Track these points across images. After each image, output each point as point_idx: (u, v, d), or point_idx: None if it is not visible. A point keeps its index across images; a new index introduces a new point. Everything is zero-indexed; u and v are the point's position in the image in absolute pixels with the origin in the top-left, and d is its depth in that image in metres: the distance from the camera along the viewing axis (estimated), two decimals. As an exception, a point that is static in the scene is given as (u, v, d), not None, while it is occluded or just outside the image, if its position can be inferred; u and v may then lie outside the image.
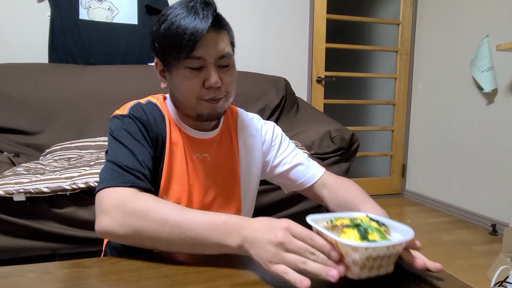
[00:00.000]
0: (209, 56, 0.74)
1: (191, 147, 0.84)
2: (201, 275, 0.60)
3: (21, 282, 0.58)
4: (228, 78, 0.77)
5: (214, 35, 0.74)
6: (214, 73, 0.74)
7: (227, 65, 0.77)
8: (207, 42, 0.73)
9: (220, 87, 0.76)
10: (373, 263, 0.51)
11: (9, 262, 1.21)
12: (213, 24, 0.72)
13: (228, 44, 0.77)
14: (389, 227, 0.60)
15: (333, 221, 0.61)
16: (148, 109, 0.81)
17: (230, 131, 0.91)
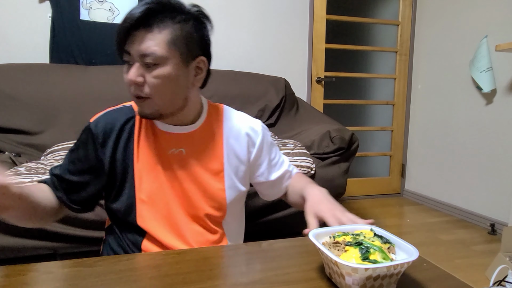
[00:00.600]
0: (134, 52, 0.75)
1: (165, 142, 0.86)
2: (201, 275, 0.60)
3: (22, 281, 0.58)
4: (151, 79, 0.76)
5: (143, 33, 0.75)
6: (133, 69, 0.76)
7: (152, 65, 0.75)
8: (134, 38, 0.75)
9: (143, 86, 0.77)
10: (374, 282, 0.52)
11: (10, 262, 1.22)
12: (145, 22, 0.74)
13: (158, 44, 0.75)
14: (394, 245, 0.60)
15: (335, 236, 0.61)
16: (113, 116, 0.87)
17: (213, 127, 0.91)
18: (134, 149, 0.85)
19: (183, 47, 0.78)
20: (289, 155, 1.74)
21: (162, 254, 0.72)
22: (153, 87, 0.76)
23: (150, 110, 0.80)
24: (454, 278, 0.62)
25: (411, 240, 2.20)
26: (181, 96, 0.82)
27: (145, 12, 0.74)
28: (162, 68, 0.76)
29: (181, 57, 0.78)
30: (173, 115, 0.83)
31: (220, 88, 2.38)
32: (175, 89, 0.80)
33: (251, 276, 0.60)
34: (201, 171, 0.87)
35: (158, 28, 0.75)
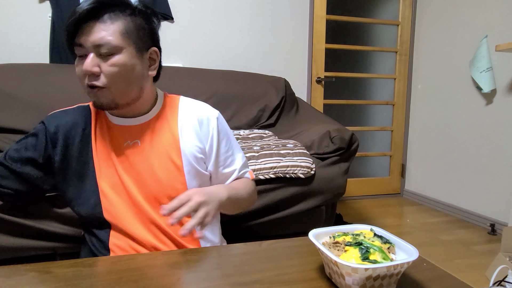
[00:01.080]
0: (86, 43, 0.77)
1: (120, 135, 0.88)
2: (200, 274, 0.60)
3: (22, 281, 0.58)
4: (107, 68, 0.78)
5: (94, 24, 0.77)
6: (89, 59, 0.77)
7: (107, 54, 0.78)
8: (86, 30, 0.77)
9: (100, 76, 0.78)
10: (374, 282, 0.52)
11: (10, 262, 1.22)
12: (96, 14, 0.77)
13: (112, 34, 0.77)
14: (394, 245, 0.60)
15: (335, 236, 0.61)
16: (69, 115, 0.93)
17: (168, 117, 0.92)
18: (92, 145, 0.88)
19: (136, 37, 0.81)
20: (289, 155, 1.74)
21: (162, 254, 0.72)
22: (109, 76, 0.78)
23: (106, 99, 0.81)
24: (454, 278, 0.62)
25: (411, 240, 2.20)
26: (137, 86, 0.84)
27: (96, 5, 0.76)
28: (118, 57, 0.78)
29: (135, 47, 0.81)
30: (129, 106, 0.85)
31: (220, 88, 2.38)
32: (131, 79, 0.82)
33: (251, 276, 0.60)
34: (158, 160, 0.88)
35: (110, 19, 0.78)
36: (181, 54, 2.60)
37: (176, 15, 2.53)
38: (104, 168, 0.87)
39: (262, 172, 1.62)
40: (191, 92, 2.29)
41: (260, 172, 1.62)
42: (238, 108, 2.38)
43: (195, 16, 2.59)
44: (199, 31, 2.62)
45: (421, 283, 0.59)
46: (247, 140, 2.12)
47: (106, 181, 0.86)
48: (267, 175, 1.63)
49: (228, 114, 2.37)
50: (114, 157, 0.87)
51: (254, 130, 2.32)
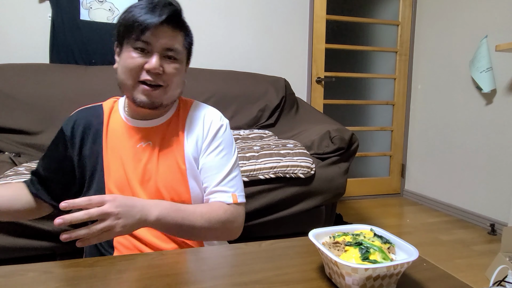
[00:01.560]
0: (156, 43, 0.82)
1: (135, 136, 0.90)
2: (201, 274, 0.60)
3: (22, 281, 0.58)
4: (170, 70, 0.84)
5: (168, 30, 0.83)
6: (156, 58, 0.82)
7: (173, 58, 0.85)
8: (158, 32, 0.82)
9: (161, 75, 0.83)
10: (374, 282, 0.52)
11: (10, 262, 1.22)
12: (169, 22, 0.83)
13: (180, 43, 0.86)
14: (394, 245, 0.60)
15: (335, 236, 0.61)
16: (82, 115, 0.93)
17: (179, 120, 0.94)
18: (103, 145, 0.89)
19: (188, 49, 0.90)
20: (289, 155, 1.74)
21: (162, 254, 0.72)
22: (170, 77, 0.84)
23: (158, 99, 0.85)
24: (454, 278, 0.62)
25: (411, 240, 2.20)
26: (179, 90, 0.91)
27: (175, 13, 0.83)
28: (179, 63, 0.86)
29: (186, 57, 0.91)
30: (165, 108, 0.91)
31: (220, 88, 2.38)
32: (180, 84, 0.90)
33: (251, 276, 0.60)
34: (164, 162, 0.89)
35: (180, 29, 0.86)
36: (181, 54, 2.59)
37: (176, 15, 2.53)
38: (113, 167, 0.88)
39: (262, 172, 1.62)
40: (191, 92, 2.29)
41: (260, 172, 1.62)
42: (238, 108, 2.38)
43: (195, 16, 2.59)
44: (199, 31, 2.62)
45: (421, 283, 0.59)
46: (247, 140, 2.12)
47: (113, 181, 0.87)
48: (267, 175, 1.63)
49: (228, 114, 2.37)
50: (124, 157, 0.88)
51: (254, 130, 2.32)
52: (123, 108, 0.94)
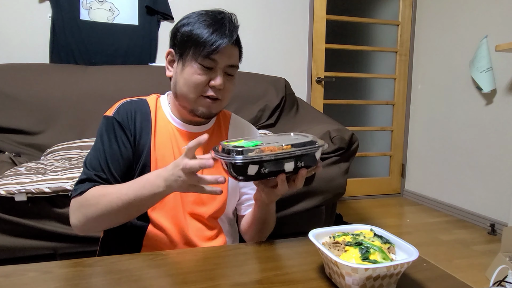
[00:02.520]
0: (222, 61, 0.86)
1: (180, 139, 0.91)
2: (201, 274, 0.60)
3: (22, 281, 0.58)
4: (229, 85, 0.90)
5: (231, 47, 0.87)
6: (221, 76, 0.86)
7: (232, 75, 0.89)
8: (224, 50, 0.85)
9: (221, 90, 0.87)
10: (374, 282, 0.52)
11: (10, 262, 1.22)
12: (236, 40, 0.88)
13: (237, 59, 0.91)
14: (394, 245, 0.60)
15: (335, 236, 0.61)
16: (134, 106, 0.91)
17: (221, 129, 0.99)
18: (151, 140, 0.89)
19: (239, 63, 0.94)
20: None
21: (162, 254, 0.72)
22: (228, 92, 0.90)
23: (216, 110, 0.91)
24: (454, 278, 0.62)
25: (411, 240, 2.20)
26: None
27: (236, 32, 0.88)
28: (235, 79, 0.92)
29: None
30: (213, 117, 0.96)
31: (220, 88, 2.37)
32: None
33: (251, 276, 0.60)
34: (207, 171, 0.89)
35: (238, 45, 0.91)
36: (181, 54, 2.60)
37: (176, 15, 2.53)
38: (162, 164, 0.87)
39: (262, 172, 1.62)
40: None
41: (260, 172, 1.62)
42: (238, 108, 2.38)
43: (195, 16, 2.59)
44: (199, 31, 2.62)
45: (421, 283, 0.59)
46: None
47: None
48: (267, 175, 1.63)
49: (228, 114, 2.37)
50: (172, 157, 0.89)
51: (254, 130, 2.32)
52: (168, 107, 0.95)
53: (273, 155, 0.65)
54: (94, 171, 0.83)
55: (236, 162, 0.64)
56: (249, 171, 0.65)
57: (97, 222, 0.80)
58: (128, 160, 0.87)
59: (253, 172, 0.65)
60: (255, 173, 0.65)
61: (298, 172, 0.73)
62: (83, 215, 0.80)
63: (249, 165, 0.64)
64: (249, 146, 0.67)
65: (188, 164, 0.68)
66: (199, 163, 0.68)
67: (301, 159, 0.69)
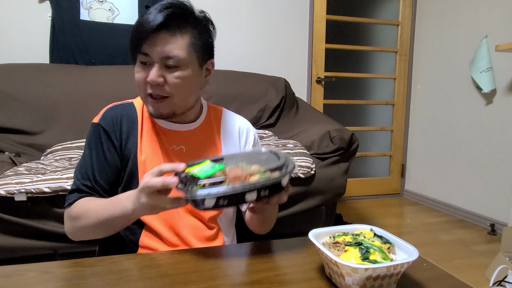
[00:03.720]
0: (154, 54, 0.78)
1: (166, 139, 0.89)
2: (201, 274, 0.60)
3: (22, 281, 0.58)
4: (172, 79, 0.80)
5: (165, 35, 0.78)
6: (155, 70, 0.79)
7: (174, 67, 0.80)
8: (155, 41, 0.78)
9: (164, 86, 0.80)
10: (374, 282, 0.52)
11: (10, 262, 1.22)
12: (167, 26, 0.78)
13: (180, 47, 0.79)
14: (394, 245, 0.60)
15: (335, 236, 0.61)
16: (119, 110, 0.90)
17: (212, 126, 0.95)
18: (138, 144, 0.87)
19: (200, 51, 0.83)
20: (289, 155, 1.75)
21: (162, 254, 0.72)
22: (174, 87, 0.81)
23: (166, 109, 0.83)
24: (454, 278, 0.62)
25: (411, 240, 2.20)
26: (195, 96, 0.88)
27: (170, 17, 0.77)
28: (183, 71, 0.81)
29: (197, 60, 0.84)
30: (183, 114, 0.88)
31: (220, 88, 2.38)
32: (192, 90, 0.85)
33: (251, 276, 0.60)
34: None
35: (180, 32, 0.79)
36: (181, 54, 2.60)
37: (176, 15, 2.53)
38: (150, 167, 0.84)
39: (262, 172, 1.62)
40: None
41: (260, 172, 1.62)
42: (238, 108, 2.38)
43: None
44: (199, 31, 2.62)
45: (421, 283, 0.59)
46: (247, 140, 2.11)
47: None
48: (267, 175, 1.63)
49: (228, 114, 2.36)
50: (160, 159, 0.87)
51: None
52: None
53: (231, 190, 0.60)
54: (82, 181, 0.84)
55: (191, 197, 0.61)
56: (207, 204, 0.61)
57: (84, 234, 0.82)
58: (116, 167, 0.86)
59: (211, 205, 0.61)
60: (212, 205, 0.61)
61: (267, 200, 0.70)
62: (72, 226, 0.82)
63: (205, 199, 0.61)
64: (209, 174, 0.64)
65: (149, 182, 0.64)
66: (162, 181, 0.64)
67: (264, 189, 0.64)
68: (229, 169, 0.65)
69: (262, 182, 0.61)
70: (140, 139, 0.88)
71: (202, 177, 0.63)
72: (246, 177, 0.63)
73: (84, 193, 0.83)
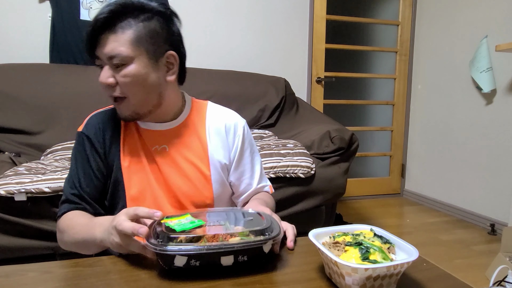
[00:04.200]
0: (102, 55, 0.78)
1: (148, 140, 0.88)
2: (201, 274, 0.60)
3: (22, 281, 0.58)
4: (121, 78, 0.78)
5: (108, 35, 0.77)
6: (104, 71, 0.79)
7: (120, 65, 0.78)
8: (100, 42, 0.78)
9: (116, 86, 0.79)
10: (374, 282, 0.52)
11: (10, 262, 1.22)
12: (109, 25, 0.77)
13: (123, 44, 0.77)
14: (394, 245, 0.60)
15: (335, 236, 0.61)
16: (102, 117, 0.90)
17: (196, 123, 0.92)
18: (120, 149, 0.87)
19: (149, 44, 0.80)
20: (289, 155, 1.75)
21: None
22: (124, 86, 0.79)
23: (127, 111, 0.82)
24: (454, 278, 0.62)
25: (411, 240, 2.20)
26: (155, 93, 0.83)
27: (109, 16, 0.76)
28: (130, 67, 0.78)
29: (147, 54, 0.80)
30: (151, 113, 0.85)
31: (220, 88, 2.38)
32: (147, 87, 0.81)
33: (251, 276, 0.60)
34: (187, 167, 0.88)
35: (121, 29, 0.77)
36: (181, 54, 2.60)
37: (176, 15, 2.53)
38: (134, 172, 0.86)
39: (262, 172, 1.62)
40: (191, 92, 2.28)
41: (260, 172, 1.62)
42: (238, 108, 2.37)
43: (195, 16, 2.59)
44: (199, 31, 2.62)
45: (421, 283, 0.59)
46: (247, 140, 2.11)
47: (134, 186, 0.86)
48: (267, 175, 1.63)
49: (228, 114, 2.37)
50: (144, 162, 0.87)
51: (254, 130, 2.33)
52: None
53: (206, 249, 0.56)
54: (70, 190, 0.84)
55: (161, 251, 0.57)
56: (177, 262, 0.58)
57: (70, 248, 0.82)
58: (102, 175, 0.86)
59: (181, 263, 0.58)
60: (183, 265, 0.58)
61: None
62: (59, 239, 0.83)
63: (175, 255, 0.57)
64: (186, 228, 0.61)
65: (121, 225, 0.63)
66: (132, 228, 0.62)
67: (243, 253, 0.60)
68: (210, 227, 0.62)
69: (242, 245, 0.58)
70: (123, 145, 0.88)
71: (177, 231, 0.60)
72: (225, 238, 0.59)
73: (73, 203, 0.83)
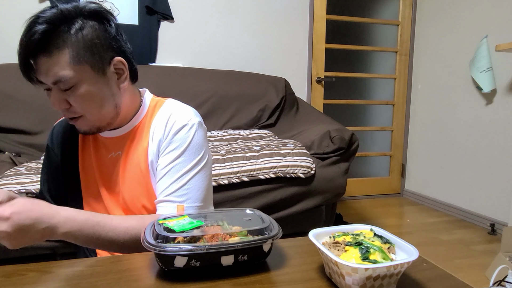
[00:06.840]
0: (46, 80, 0.71)
1: (105, 147, 0.87)
2: (201, 274, 0.60)
3: (22, 281, 0.58)
4: (74, 101, 0.73)
5: (45, 59, 0.69)
6: (53, 96, 0.73)
7: (68, 88, 0.72)
8: (40, 67, 0.70)
9: (71, 107, 0.74)
10: (374, 282, 0.52)
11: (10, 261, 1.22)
12: (42, 49, 0.69)
13: (64, 66, 0.70)
14: (394, 245, 0.60)
15: (335, 236, 0.61)
16: (62, 126, 0.91)
17: (145, 126, 0.85)
18: (79, 157, 0.88)
19: (90, 57, 0.73)
20: (289, 155, 1.75)
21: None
22: (79, 106, 0.74)
23: (86, 127, 0.78)
24: (454, 278, 0.62)
25: (411, 240, 2.20)
26: (111, 105, 0.78)
27: (40, 36, 0.68)
28: (79, 89, 0.73)
29: (93, 69, 0.74)
30: (110, 125, 0.81)
31: (220, 88, 2.38)
32: (102, 102, 0.76)
33: (251, 276, 0.60)
34: (134, 172, 0.83)
35: (57, 49, 0.69)
36: (181, 54, 2.60)
37: (176, 15, 2.53)
38: (90, 178, 0.87)
39: (262, 172, 1.62)
40: (191, 92, 2.29)
41: (260, 172, 1.62)
42: (238, 108, 2.38)
43: (195, 16, 2.59)
44: (199, 31, 2.62)
45: (421, 283, 0.59)
46: (247, 140, 2.12)
47: (89, 193, 0.88)
48: (267, 174, 1.63)
49: (228, 114, 2.37)
50: (96, 170, 0.86)
51: (254, 130, 2.32)
52: None
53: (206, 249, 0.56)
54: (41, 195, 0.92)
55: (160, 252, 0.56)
56: (176, 263, 0.57)
57: None
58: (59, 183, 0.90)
59: (181, 264, 0.58)
60: (183, 265, 0.58)
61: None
62: None
63: (176, 256, 0.57)
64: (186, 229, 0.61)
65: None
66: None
67: (243, 252, 0.60)
68: (208, 227, 0.62)
69: (242, 244, 0.58)
70: (82, 153, 0.88)
71: (177, 231, 0.60)
72: (224, 238, 0.59)
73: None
